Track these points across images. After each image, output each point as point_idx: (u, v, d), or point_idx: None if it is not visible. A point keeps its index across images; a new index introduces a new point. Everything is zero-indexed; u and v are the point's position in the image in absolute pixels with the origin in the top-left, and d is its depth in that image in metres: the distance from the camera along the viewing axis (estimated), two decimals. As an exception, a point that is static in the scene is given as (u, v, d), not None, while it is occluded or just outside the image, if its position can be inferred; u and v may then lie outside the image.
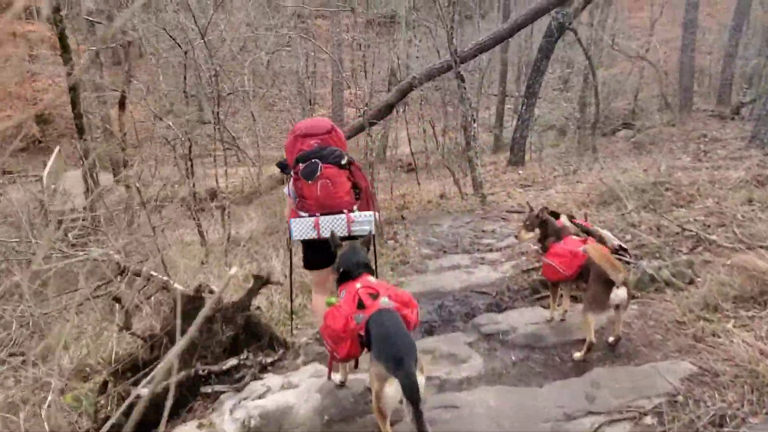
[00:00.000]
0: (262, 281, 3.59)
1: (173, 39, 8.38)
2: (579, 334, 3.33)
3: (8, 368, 3.93)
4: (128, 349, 3.40)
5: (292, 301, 4.02)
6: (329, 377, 3.05)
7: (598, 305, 3.10)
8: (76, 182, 15.53)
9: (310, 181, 3.09)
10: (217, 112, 7.50)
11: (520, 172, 13.58)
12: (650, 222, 5.79)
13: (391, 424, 2.36)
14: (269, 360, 3.34)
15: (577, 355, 3.18)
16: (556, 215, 3.88)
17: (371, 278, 2.77)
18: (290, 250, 3.89)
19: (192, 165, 7.86)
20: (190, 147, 7.62)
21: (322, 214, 3.14)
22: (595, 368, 3.03)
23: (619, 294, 3.05)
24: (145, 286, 4.88)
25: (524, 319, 3.80)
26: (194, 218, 8.63)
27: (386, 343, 2.28)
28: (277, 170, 3.45)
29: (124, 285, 5.20)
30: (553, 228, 3.63)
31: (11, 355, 4.45)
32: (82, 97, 16.10)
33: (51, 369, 3.77)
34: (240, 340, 3.44)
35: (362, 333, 2.44)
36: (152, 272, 5.03)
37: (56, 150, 20.26)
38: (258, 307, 3.62)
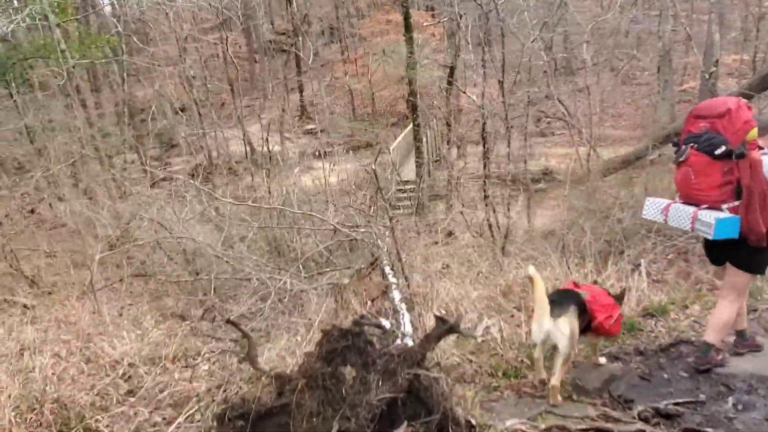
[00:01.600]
0: (445, 328, 2.42)
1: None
2: None
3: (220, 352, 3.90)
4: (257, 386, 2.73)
5: None
6: None
7: None
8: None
9: (675, 166, 3.03)
10: (500, 82, 6.36)
11: None
12: None
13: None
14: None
15: None
16: None
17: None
18: None
19: (486, 144, 7.00)
20: (484, 125, 6.75)
21: (684, 202, 3.01)
22: None
23: None
24: (366, 289, 4.30)
25: None
26: (485, 204, 7.84)
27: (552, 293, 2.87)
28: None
29: (350, 280, 4.75)
30: None
31: (251, 332, 4.49)
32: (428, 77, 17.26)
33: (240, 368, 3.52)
34: (399, 406, 2.38)
35: None
36: (386, 269, 4.43)
37: (409, 126, 22.41)
38: (438, 363, 2.47)
